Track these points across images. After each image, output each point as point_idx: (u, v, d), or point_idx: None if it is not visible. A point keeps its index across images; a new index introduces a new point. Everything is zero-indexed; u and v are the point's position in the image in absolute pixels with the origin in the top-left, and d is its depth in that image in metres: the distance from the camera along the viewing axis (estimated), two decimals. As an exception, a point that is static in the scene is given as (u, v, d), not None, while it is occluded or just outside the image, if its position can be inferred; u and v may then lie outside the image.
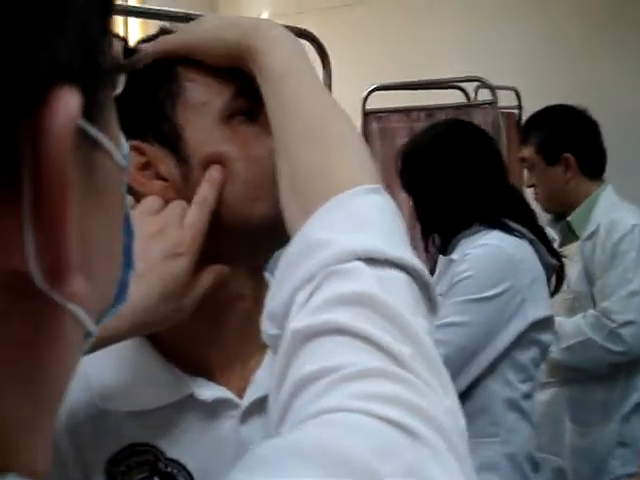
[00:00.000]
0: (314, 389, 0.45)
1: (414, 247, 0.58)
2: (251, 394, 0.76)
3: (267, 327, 0.58)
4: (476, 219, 1.81)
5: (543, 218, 2.32)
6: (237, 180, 0.73)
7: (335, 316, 0.49)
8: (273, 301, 0.57)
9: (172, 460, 0.74)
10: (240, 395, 0.76)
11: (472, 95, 3.61)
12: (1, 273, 0.23)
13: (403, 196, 2.03)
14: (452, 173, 1.83)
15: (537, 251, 1.80)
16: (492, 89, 3.20)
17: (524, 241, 1.78)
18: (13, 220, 0.23)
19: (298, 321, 0.51)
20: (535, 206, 2.12)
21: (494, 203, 1.83)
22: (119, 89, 0.31)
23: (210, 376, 0.77)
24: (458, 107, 3.39)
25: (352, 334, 0.48)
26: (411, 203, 1.94)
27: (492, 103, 3.22)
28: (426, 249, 1.94)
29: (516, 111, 3.69)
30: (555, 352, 2.23)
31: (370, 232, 0.56)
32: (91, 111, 0.26)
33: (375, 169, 0.63)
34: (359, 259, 0.53)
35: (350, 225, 0.56)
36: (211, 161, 0.73)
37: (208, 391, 0.75)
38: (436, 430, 0.42)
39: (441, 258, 1.89)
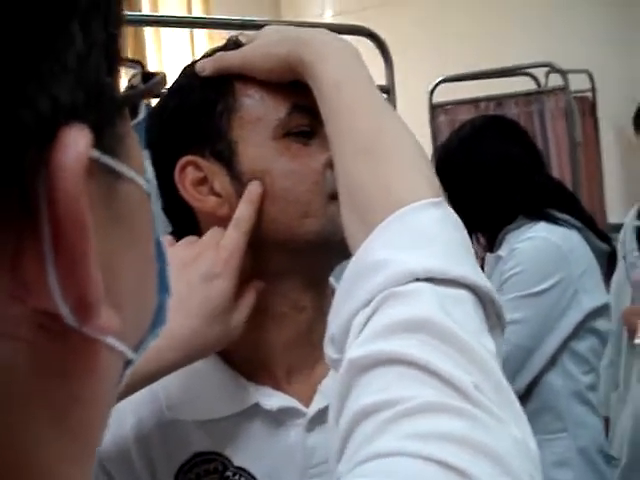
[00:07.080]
0: (371, 424, 0.44)
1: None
2: (317, 402, 0.75)
3: (329, 351, 0.57)
4: (519, 212, 1.77)
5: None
6: (285, 196, 0.72)
7: (393, 345, 0.47)
8: (333, 325, 0.56)
9: (240, 468, 0.74)
10: (307, 403, 0.76)
11: (543, 81, 3.53)
12: (32, 313, 0.24)
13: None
14: (484, 171, 1.80)
15: (586, 238, 1.75)
16: (563, 73, 3.13)
17: (572, 230, 1.74)
18: (36, 262, 0.23)
19: (355, 349, 0.49)
20: None
21: (535, 194, 1.78)
22: (141, 116, 0.31)
23: (276, 385, 0.77)
24: (527, 94, 3.33)
25: (411, 364, 0.46)
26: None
27: (564, 88, 3.14)
28: None
29: (590, 94, 3.59)
30: None
31: (431, 249, 0.53)
32: (109, 143, 0.26)
33: (436, 180, 0.61)
34: (419, 279, 0.51)
35: (410, 243, 0.54)
36: (260, 178, 0.72)
37: (273, 400, 0.75)
38: (498, 466, 0.41)
39: (488, 256, 1.86)
